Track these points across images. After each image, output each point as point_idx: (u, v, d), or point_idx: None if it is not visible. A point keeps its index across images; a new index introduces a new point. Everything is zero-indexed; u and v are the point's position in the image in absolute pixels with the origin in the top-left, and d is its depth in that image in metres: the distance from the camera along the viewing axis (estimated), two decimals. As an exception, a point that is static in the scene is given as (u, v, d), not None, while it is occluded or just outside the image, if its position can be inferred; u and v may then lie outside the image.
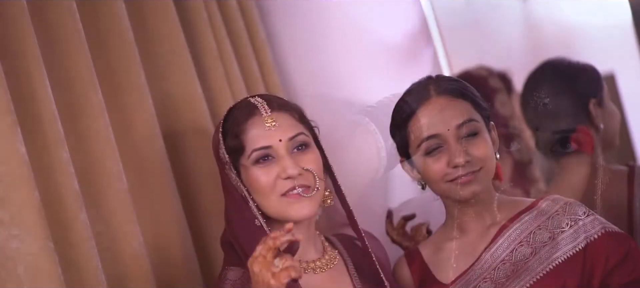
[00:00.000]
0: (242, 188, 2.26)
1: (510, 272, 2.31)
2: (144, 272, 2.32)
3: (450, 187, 2.34)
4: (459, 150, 2.30)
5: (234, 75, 2.99)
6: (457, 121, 2.32)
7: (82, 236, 2.14)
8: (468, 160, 2.30)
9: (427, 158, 2.35)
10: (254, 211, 2.24)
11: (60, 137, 2.17)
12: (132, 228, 2.32)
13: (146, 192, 2.50)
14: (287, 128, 2.27)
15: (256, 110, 2.28)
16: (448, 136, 2.32)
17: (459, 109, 2.34)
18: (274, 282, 1.93)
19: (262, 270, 1.95)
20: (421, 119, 2.36)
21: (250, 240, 2.21)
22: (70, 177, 2.16)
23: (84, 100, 2.33)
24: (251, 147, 2.25)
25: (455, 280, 2.39)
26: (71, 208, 2.14)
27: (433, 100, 2.36)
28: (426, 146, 2.35)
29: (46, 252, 1.96)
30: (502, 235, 2.37)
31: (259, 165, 2.24)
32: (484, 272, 2.35)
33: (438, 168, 2.33)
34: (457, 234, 2.43)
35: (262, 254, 1.96)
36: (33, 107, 2.15)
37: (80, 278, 2.13)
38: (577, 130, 3.05)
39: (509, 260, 2.33)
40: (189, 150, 2.70)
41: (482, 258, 2.36)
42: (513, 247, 2.34)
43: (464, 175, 2.31)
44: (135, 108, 2.53)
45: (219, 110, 2.87)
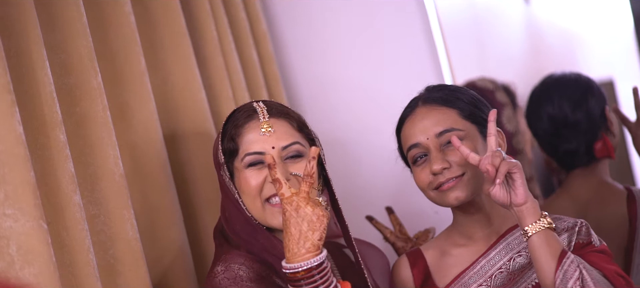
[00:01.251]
0: (234, 190, 2.27)
1: (507, 280, 2.31)
2: (136, 257, 2.32)
3: (437, 195, 2.34)
4: (436, 157, 2.30)
5: (234, 65, 3.00)
6: (436, 129, 2.32)
7: (75, 218, 2.14)
8: (446, 166, 2.30)
9: (414, 167, 2.36)
10: (246, 213, 2.26)
11: (58, 118, 2.17)
12: (126, 212, 2.32)
13: (141, 177, 2.51)
14: (282, 136, 2.27)
15: (255, 114, 2.29)
16: (428, 144, 2.32)
17: (439, 117, 2.34)
18: (325, 211, 2.05)
19: (309, 203, 2.05)
20: (407, 129, 2.38)
21: (251, 234, 2.26)
22: (66, 158, 2.16)
23: (83, 83, 2.33)
24: (245, 151, 2.26)
25: (450, 284, 2.38)
26: (66, 190, 2.15)
27: (418, 109, 2.38)
28: (411, 155, 2.36)
29: (39, 232, 1.96)
30: (500, 243, 2.36)
31: (250, 169, 2.25)
32: (479, 278, 2.34)
33: (423, 177, 2.34)
34: (463, 240, 2.42)
35: (307, 190, 2.06)
36: (32, 87, 2.15)
37: (72, 260, 2.13)
38: (602, 139, 3.08)
39: (505, 268, 2.32)
40: (186, 138, 2.71)
41: (477, 264, 2.36)
42: (511, 255, 2.33)
43: (445, 182, 2.31)
44: (134, 93, 2.54)
45: (217, 99, 2.88)
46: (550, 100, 3.15)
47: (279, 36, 3.46)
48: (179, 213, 2.56)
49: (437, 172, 2.29)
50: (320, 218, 2.04)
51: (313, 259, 2.04)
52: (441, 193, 2.32)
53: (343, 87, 3.39)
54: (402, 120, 2.42)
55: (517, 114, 3.78)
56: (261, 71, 3.21)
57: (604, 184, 3.13)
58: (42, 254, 1.95)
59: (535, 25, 5.01)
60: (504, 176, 2.11)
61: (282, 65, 3.43)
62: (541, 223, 2.12)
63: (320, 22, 3.43)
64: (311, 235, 2.04)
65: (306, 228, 2.03)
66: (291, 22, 3.45)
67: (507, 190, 2.13)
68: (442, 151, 2.31)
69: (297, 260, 2.04)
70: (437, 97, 2.38)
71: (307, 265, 2.03)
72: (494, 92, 3.60)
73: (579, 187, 3.13)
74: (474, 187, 2.31)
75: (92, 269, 2.15)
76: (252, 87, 3.13)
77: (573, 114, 3.09)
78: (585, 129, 3.08)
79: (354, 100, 3.38)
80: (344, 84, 3.39)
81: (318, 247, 2.05)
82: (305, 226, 2.03)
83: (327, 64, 3.42)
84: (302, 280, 2.04)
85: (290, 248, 2.05)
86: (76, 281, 2.13)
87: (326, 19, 3.42)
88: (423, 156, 2.34)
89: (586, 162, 3.11)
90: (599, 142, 3.08)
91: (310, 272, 2.04)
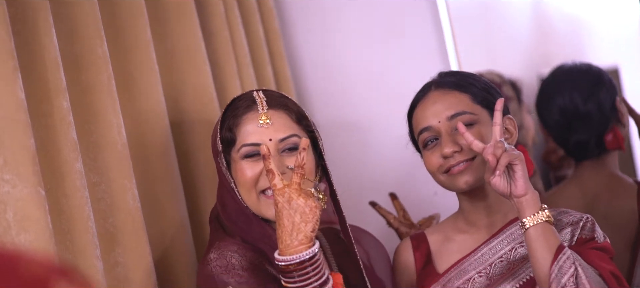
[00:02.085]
0: (230, 179, 2.27)
1: (506, 269, 2.31)
2: (136, 227, 2.32)
3: (446, 178, 2.33)
4: (447, 140, 2.30)
5: (239, 40, 3.00)
6: (448, 113, 2.32)
7: (75, 185, 2.15)
8: (457, 150, 2.29)
9: (425, 151, 2.37)
10: (241, 203, 2.27)
11: (62, 85, 2.17)
12: (127, 182, 2.33)
13: (144, 147, 2.51)
14: (281, 128, 2.26)
15: (254, 105, 2.28)
16: (439, 128, 2.32)
17: (452, 100, 2.34)
18: (316, 202, 2.06)
19: (301, 195, 2.06)
20: (419, 112, 2.38)
21: (245, 223, 2.26)
22: (68, 126, 2.16)
23: (88, 51, 2.33)
24: (242, 142, 2.26)
25: (449, 269, 2.38)
26: (67, 157, 2.15)
27: (431, 93, 2.38)
28: (422, 139, 2.36)
29: (36, 199, 1.96)
30: (504, 232, 2.35)
31: (246, 160, 2.25)
32: (479, 265, 2.34)
33: (433, 160, 2.33)
34: (467, 227, 2.42)
35: (298, 182, 2.07)
36: (37, 54, 2.15)
37: (71, 227, 2.13)
38: (612, 130, 3.07)
39: (506, 258, 2.32)
40: (190, 110, 2.71)
41: (479, 250, 2.36)
42: (513, 246, 2.33)
43: (455, 165, 2.31)
44: (139, 63, 2.54)
45: (222, 73, 2.88)
46: (561, 91, 3.14)
47: (286, 14, 3.45)
48: (180, 184, 2.56)
49: (448, 155, 2.29)
50: (312, 210, 2.05)
51: (306, 252, 2.05)
52: (451, 177, 2.32)
53: (348, 68, 3.39)
54: (414, 104, 2.42)
55: (522, 109, 3.78)
56: (267, 47, 3.21)
57: (614, 177, 3.13)
58: (39, 221, 1.95)
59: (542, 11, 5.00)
60: (505, 167, 2.11)
61: (287, 42, 3.43)
62: (539, 216, 2.12)
63: (328, 2, 3.42)
64: (304, 227, 2.04)
65: (299, 220, 2.04)
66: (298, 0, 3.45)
67: (507, 180, 2.13)
68: (453, 135, 2.31)
69: (290, 253, 2.05)
70: (450, 81, 2.39)
71: (299, 257, 2.04)
72: (500, 85, 3.61)
73: (589, 179, 3.13)
74: (484, 172, 2.30)
75: (91, 237, 2.15)
76: (257, 63, 3.14)
77: (584, 106, 3.09)
78: (596, 121, 3.07)
79: (359, 83, 3.38)
80: (349, 65, 3.39)
81: (311, 239, 2.05)
82: (298, 218, 2.04)
83: (333, 45, 3.41)
84: (295, 272, 2.05)
85: (283, 240, 2.06)
86: (74, 248, 2.13)
87: (334, 0, 3.42)
88: (434, 140, 2.34)
89: (597, 153, 3.11)
90: (610, 133, 3.08)
91: (303, 264, 2.05)
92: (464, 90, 2.36)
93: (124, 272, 2.29)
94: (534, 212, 2.12)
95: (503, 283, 2.29)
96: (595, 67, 3.18)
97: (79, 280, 1.00)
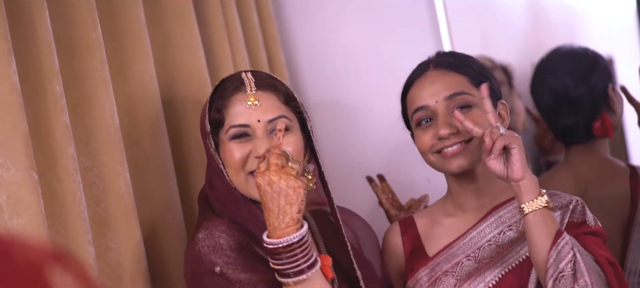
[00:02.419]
0: (218, 160, 2.27)
1: (495, 253, 2.31)
2: (128, 212, 2.32)
3: (437, 159, 2.33)
4: (444, 121, 2.29)
5: (234, 25, 2.99)
6: (446, 93, 2.32)
7: (68, 170, 2.14)
8: (453, 132, 2.29)
9: (417, 129, 2.36)
10: (230, 185, 2.26)
11: (56, 69, 2.17)
12: (120, 166, 2.32)
13: (136, 132, 2.51)
14: (269, 109, 2.26)
15: (242, 86, 2.28)
16: (436, 108, 2.32)
17: (451, 81, 2.34)
18: (299, 182, 2.05)
19: (281, 177, 2.04)
20: (415, 91, 2.37)
21: (233, 204, 2.26)
22: (61, 110, 2.16)
23: (82, 35, 2.32)
24: (230, 123, 2.26)
25: (439, 253, 2.38)
26: (60, 141, 2.14)
27: (429, 73, 2.37)
28: (417, 117, 2.35)
29: (29, 183, 1.96)
30: (493, 215, 2.36)
31: (234, 141, 2.25)
32: (468, 249, 2.34)
33: (426, 139, 2.33)
34: (455, 210, 2.42)
35: (275, 163, 2.06)
36: (31, 37, 2.15)
37: (63, 211, 2.13)
38: (601, 117, 3.07)
39: (495, 241, 2.32)
40: (183, 95, 2.70)
41: (468, 234, 2.36)
42: (501, 229, 2.34)
43: (449, 146, 2.30)
44: (133, 48, 2.53)
45: (216, 57, 2.87)
46: (554, 73, 3.15)
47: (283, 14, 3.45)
48: (172, 169, 2.56)
49: (444, 136, 2.29)
50: (296, 191, 2.04)
51: (294, 235, 2.05)
52: (444, 158, 2.31)
53: (342, 52, 3.39)
54: (410, 82, 2.41)
55: (513, 93, 3.78)
56: (261, 32, 3.20)
57: (606, 161, 3.12)
58: (32, 205, 1.95)
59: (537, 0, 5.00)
60: (500, 150, 2.11)
61: (281, 26, 3.42)
62: (538, 202, 2.12)
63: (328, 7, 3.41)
64: (289, 209, 2.04)
65: (283, 202, 2.04)
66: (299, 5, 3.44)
67: (504, 163, 2.13)
68: (450, 116, 2.31)
69: (278, 235, 2.05)
70: (449, 62, 2.38)
71: (287, 240, 2.05)
72: (492, 70, 3.60)
73: (579, 164, 3.13)
74: (478, 156, 2.30)
75: (83, 221, 2.15)
76: (251, 47, 3.13)
77: (575, 89, 3.09)
78: (586, 106, 3.07)
79: (353, 68, 3.38)
80: (343, 49, 3.38)
81: (298, 221, 2.06)
82: (283, 200, 2.04)
83: (328, 30, 3.41)
84: (283, 254, 2.05)
85: (271, 223, 2.06)
86: (66, 232, 2.13)
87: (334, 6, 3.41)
88: (428, 119, 2.34)
89: (585, 138, 3.11)
90: (599, 120, 3.07)
91: (291, 247, 2.05)
92: (462, 71, 2.36)
93: (116, 258, 2.29)
94: (533, 198, 2.12)
95: (491, 268, 2.29)
96: (591, 52, 3.18)
97: (74, 265, 0.99)
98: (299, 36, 3.41)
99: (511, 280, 2.26)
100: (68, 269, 0.98)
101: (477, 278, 2.29)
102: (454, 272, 2.33)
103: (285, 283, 2.08)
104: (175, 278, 2.44)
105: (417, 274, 2.38)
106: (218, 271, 2.14)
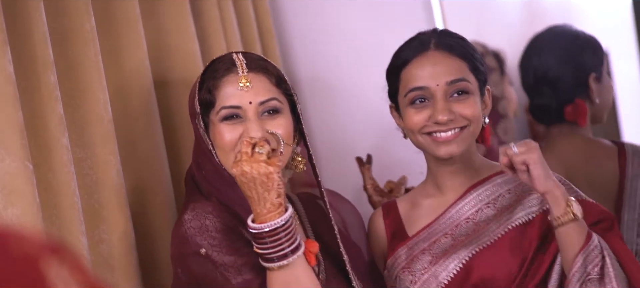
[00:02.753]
0: (207, 141, 2.28)
1: (471, 231, 2.33)
2: (120, 202, 2.32)
3: (426, 140, 2.34)
4: (443, 107, 2.29)
5: (229, 17, 2.98)
6: (448, 78, 2.32)
7: (62, 160, 2.15)
8: (451, 118, 2.30)
9: (410, 107, 2.35)
10: (219, 166, 2.27)
11: (50, 60, 2.17)
12: (113, 158, 2.33)
13: (130, 123, 2.51)
14: (260, 91, 2.26)
15: (234, 68, 2.28)
16: (436, 91, 2.31)
17: (453, 66, 2.34)
18: (270, 167, 2.05)
19: (252, 166, 2.04)
20: (414, 69, 2.35)
21: (222, 185, 2.27)
22: (55, 100, 2.16)
23: (76, 26, 2.32)
24: (221, 104, 2.26)
25: (419, 233, 2.40)
26: (54, 132, 2.15)
27: (430, 53, 2.36)
28: (412, 96, 2.34)
29: (24, 173, 1.96)
30: (471, 193, 2.38)
31: (225, 123, 2.26)
32: (446, 227, 2.37)
33: (418, 119, 2.33)
34: (434, 191, 2.44)
35: (245, 152, 2.07)
36: (25, 28, 2.15)
37: (57, 202, 2.14)
38: (574, 103, 3.06)
39: (472, 219, 2.35)
40: (176, 86, 2.70)
41: (447, 213, 2.39)
42: (479, 207, 2.36)
43: (444, 132, 2.30)
44: (127, 39, 2.53)
45: (211, 49, 2.87)
46: (539, 52, 3.15)
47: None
48: (165, 160, 2.56)
49: (442, 122, 2.29)
50: (270, 177, 2.05)
51: (278, 219, 2.07)
52: (434, 142, 2.32)
53: (337, 41, 3.38)
54: (407, 58, 2.38)
55: (504, 80, 3.77)
56: (256, 25, 3.19)
57: (591, 142, 3.11)
58: (26, 195, 1.95)
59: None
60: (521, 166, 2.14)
61: (276, 20, 3.41)
62: (566, 216, 2.15)
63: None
64: (268, 196, 2.05)
65: (261, 189, 2.05)
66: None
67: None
68: (449, 101, 2.31)
69: (261, 221, 2.07)
70: (451, 44, 2.37)
71: (270, 226, 2.07)
72: (483, 55, 3.59)
73: (564, 147, 3.12)
74: (469, 144, 2.34)
75: (77, 212, 2.15)
76: (246, 40, 3.12)
77: (554, 70, 3.09)
78: (563, 88, 3.07)
79: (348, 59, 3.37)
80: (339, 38, 3.37)
81: (279, 205, 2.07)
82: (260, 188, 2.05)
83: (323, 18, 3.40)
84: (267, 238, 2.07)
85: (254, 210, 2.08)
86: (60, 223, 2.14)
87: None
88: (423, 99, 2.33)
89: (558, 121, 3.10)
90: (572, 104, 3.06)
91: (275, 231, 2.07)
92: (463, 57, 2.36)
93: (108, 249, 2.30)
94: (561, 211, 2.15)
95: (466, 245, 2.31)
96: (584, 36, 3.16)
97: (70, 257, 0.98)
98: (294, 29, 3.40)
99: (483, 258, 2.28)
100: (64, 262, 0.98)
101: (452, 255, 2.31)
102: (431, 250, 2.35)
103: (269, 268, 2.10)
104: (166, 269, 2.44)
105: (397, 253, 2.40)
106: (203, 253, 2.16)
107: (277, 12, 3.40)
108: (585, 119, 3.07)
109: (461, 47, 2.37)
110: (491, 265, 2.27)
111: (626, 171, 3.01)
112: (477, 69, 2.36)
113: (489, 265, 2.27)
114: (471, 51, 2.39)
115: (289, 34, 3.41)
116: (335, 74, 3.39)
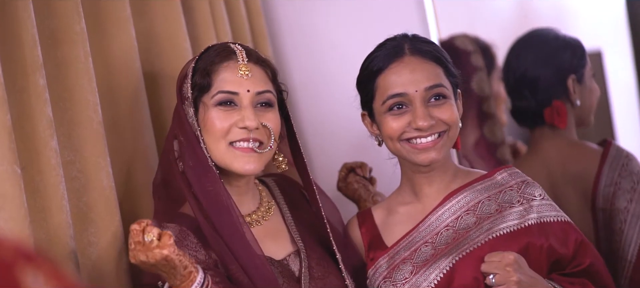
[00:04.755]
0: (196, 126, 2.27)
1: (451, 239, 2.33)
2: (110, 206, 2.31)
3: (405, 148, 2.34)
4: (423, 113, 2.29)
5: (220, 16, 2.97)
6: (426, 83, 2.32)
7: (50, 163, 2.13)
8: (432, 123, 2.30)
9: (388, 114, 2.34)
10: (205, 152, 2.26)
11: (39, 62, 2.16)
12: (102, 160, 2.31)
13: (120, 125, 2.49)
14: (258, 82, 2.29)
15: (234, 55, 2.30)
16: (414, 97, 2.31)
17: (430, 71, 2.33)
18: (164, 251, 2.01)
19: (148, 255, 2.02)
20: (391, 76, 2.35)
21: (201, 175, 2.26)
22: (44, 103, 2.15)
23: (65, 28, 2.31)
24: (218, 88, 2.27)
25: (399, 241, 2.40)
26: (42, 134, 2.13)
27: (406, 58, 2.35)
28: (391, 103, 2.33)
29: (12, 177, 1.95)
30: (450, 201, 2.38)
31: (220, 108, 2.27)
32: (426, 235, 2.36)
33: (397, 126, 2.32)
34: (411, 199, 2.44)
35: (137, 241, 2.03)
36: (14, 29, 2.14)
37: (45, 206, 2.12)
38: (552, 104, 3.05)
39: (452, 226, 2.35)
40: (167, 88, 2.69)
41: (426, 221, 2.38)
42: (459, 214, 2.36)
43: (424, 138, 2.30)
44: (118, 41, 2.52)
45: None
46: (518, 54, 3.15)
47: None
48: (156, 163, 2.53)
49: (423, 127, 2.28)
50: (167, 259, 2.03)
51: (191, 287, 2.08)
52: (413, 149, 2.32)
53: (328, 39, 3.37)
54: (382, 65, 2.37)
55: (493, 77, 3.75)
56: (248, 25, 3.19)
57: (574, 145, 3.10)
58: (14, 199, 1.95)
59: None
60: None
61: (269, 19, 3.40)
62: None
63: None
64: (175, 271, 2.06)
65: (167, 268, 2.05)
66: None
67: None
68: (428, 107, 2.31)
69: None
70: (427, 50, 2.37)
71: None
72: (470, 54, 3.58)
73: (548, 149, 3.11)
74: (448, 149, 2.35)
75: (65, 216, 2.14)
76: (238, 41, 3.10)
77: (532, 72, 3.08)
78: (541, 90, 3.06)
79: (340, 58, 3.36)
80: (329, 36, 3.37)
81: (190, 273, 2.08)
82: (164, 268, 2.05)
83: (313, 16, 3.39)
84: None
85: (170, 282, 2.10)
86: (48, 227, 2.13)
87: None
88: (401, 106, 2.33)
89: (538, 123, 3.10)
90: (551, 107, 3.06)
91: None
92: (439, 62, 2.37)
93: (97, 252, 2.28)
94: None
95: (446, 254, 2.31)
96: (565, 39, 3.15)
97: (48, 266, 0.98)
98: (286, 29, 3.40)
99: (464, 267, 2.28)
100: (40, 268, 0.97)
101: (433, 264, 2.31)
102: (412, 259, 2.34)
103: None
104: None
105: (377, 263, 2.40)
106: None
107: (268, 12, 3.39)
108: (564, 120, 3.05)
109: (435, 52, 2.38)
110: (472, 272, 2.27)
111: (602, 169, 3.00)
112: (451, 73, 2.37)
113: (470, 272, 2.27)
114: (444, 55, 2.39)
115: (280, 34, 3.41)
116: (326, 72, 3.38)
